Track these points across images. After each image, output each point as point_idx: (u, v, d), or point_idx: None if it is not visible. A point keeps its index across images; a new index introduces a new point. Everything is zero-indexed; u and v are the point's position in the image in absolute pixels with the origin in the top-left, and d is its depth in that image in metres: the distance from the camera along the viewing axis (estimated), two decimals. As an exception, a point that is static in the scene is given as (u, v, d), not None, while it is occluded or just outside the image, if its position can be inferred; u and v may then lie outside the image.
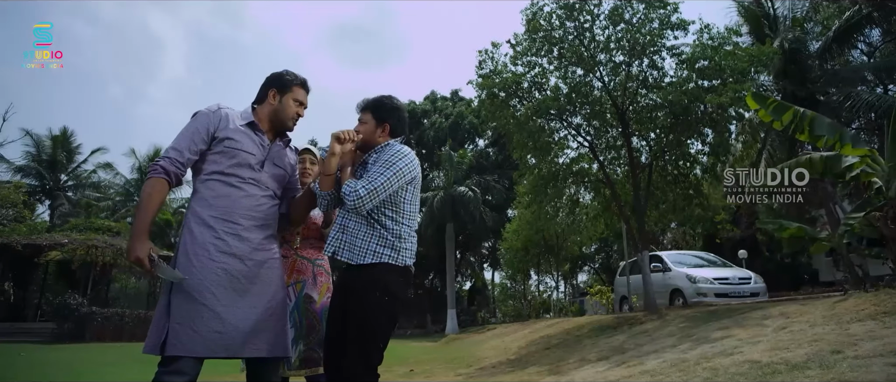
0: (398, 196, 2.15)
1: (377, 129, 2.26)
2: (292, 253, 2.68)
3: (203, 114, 2.27)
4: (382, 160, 2.13)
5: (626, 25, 9.98)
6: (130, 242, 1.99)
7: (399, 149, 2.18)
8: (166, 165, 2.13)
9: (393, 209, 2.16)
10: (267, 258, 2.25)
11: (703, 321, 6.74)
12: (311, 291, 2.65)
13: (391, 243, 2.12)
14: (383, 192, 2.06)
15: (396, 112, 2.32)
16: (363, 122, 2.30)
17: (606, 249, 31.30)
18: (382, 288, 2.09)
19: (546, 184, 11.64)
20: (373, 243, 2.11)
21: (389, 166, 2.10)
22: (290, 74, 2.42)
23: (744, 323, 5.73)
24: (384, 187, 2.06)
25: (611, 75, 10.51)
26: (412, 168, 2.17)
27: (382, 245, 2.12)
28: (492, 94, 11.04)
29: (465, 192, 23.54)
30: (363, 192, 2.03)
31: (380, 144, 2.25)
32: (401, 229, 2.16)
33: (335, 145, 2.18)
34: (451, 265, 23.81)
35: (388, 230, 2.13)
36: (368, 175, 2.09)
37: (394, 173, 2.09)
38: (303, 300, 2.63)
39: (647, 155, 11.03)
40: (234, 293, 2.10)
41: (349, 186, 2.08)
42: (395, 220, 2.15)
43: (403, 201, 2.19)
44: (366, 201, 2.03)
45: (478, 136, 31.46)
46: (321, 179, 2.24)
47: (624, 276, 14.27)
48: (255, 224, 2.22)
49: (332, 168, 2.18)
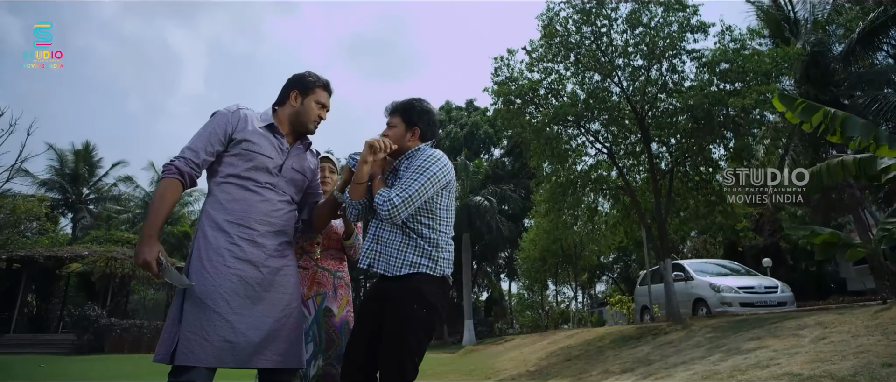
0: (433, 203, 2.07)
1: (407, 133, 2.18)
2: (313, 265, 2.57)
3: (221, 114, 2.19)
4: (415, 166, 2.04)
5: (644, 29, 9.82)
6: (139, 244, 1.90)
7: (431, 153, 2.09)
8: (181, 165, 2.04)
9: (429, 217, 2.07)
10: (282, 265, 2.15)
11: (731, 331, 6.48)
12: (331, 304, 2.54)
13: (428, 252, 2.04)
14: (418, 199, 1.98)
15: (427, 115, 2.22)
16: (392, 126, 2.21)
17: (625, 258, 30.87)
18: (421, 300, 1.98)
19: (564, 192, 11.45)
20: (409, 253, 2.03)
21: (423, 172, 2.01)
22: (313, 75, 2.34)
23: (777, 333, 5.47)
24: (419, 194, 1.98)
25: (629, 80, 10.33)
26: (447, 173, 2.08)
27: (419, 255, 2.03)
28: (508, 101, 10.93)
29: (482, 202, 23.38)
30: (397, 200, 1.94)
31: (410, 149, 2.16)
32: (438, 238, 2.07)
33: (368, 153, 2.08)
34: (467, 275, 23.60)
35: (424, 239, 2.04)
36: (401, 182, 2.01)
37: (428, 179, 2.00)
38: (322, 314, 2.51)
39: (668, 161, 10.80)
40: (248, 301, 2.01)
41: (382, 195, 1.99)
42: (432, 227, 2.06)
43: (439, 207, 2.10)
44: (400, 209, 1.95)
45: (493, 145, 31.44)
46: (352, 187, 2.14)
47: (645, 285, 13.95)
48: (272, 230, 2.13)
49: (364, 177, 2.09)
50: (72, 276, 18.36)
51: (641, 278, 15.10)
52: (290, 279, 2.18)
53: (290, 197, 2.24)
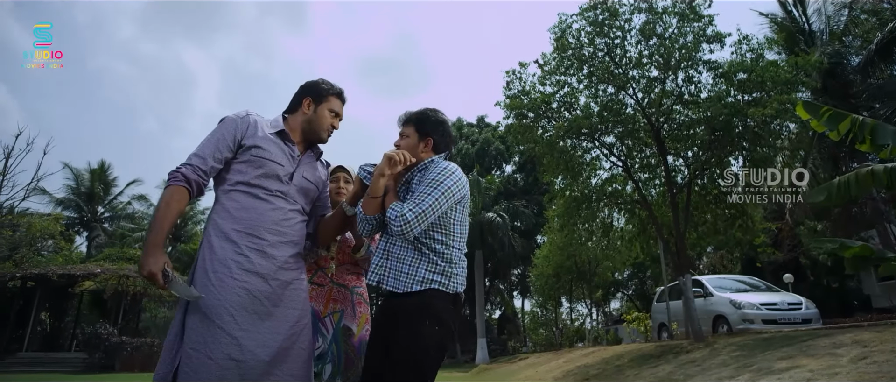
0: (447, 217, 1.98)
1: (420, 144, 2.10)
2: (328, 281, 2.42)
3: (230, 120, 2.08)
4: (428, 180, 1.95)
5: (658, 40, 9.69)
6: (143, 255, 1.78)
7: (445, 166, 2.00)
8: (188, 172, 1.93)
9: (442, 232, 1.97)
10: (293, 278, 2.02)
11: (758, 348, 6.21)
12: (350, 322, 2.38)
13: (442, 268, 1.94)
14: (432, 214, 1.89)
15: (441, 126, 2.15)
16: (405, 136, 2.13)
17: (640, 274, 30.36)
18: (433, 316, 1.88)
19: (578, 206, 11.25)
20: (421, 269, 1.93)
21: (437, 186, 1.92)
22: (327, 82, 2.25)
23: (811, 352, 5.21)
24: (433, 208, 1.89)
25: (644, 92, 10.18)
26: (461, 187, 1.99)
27: (432, 271, 1.93)
28: (520, 115, 10.82)
29: (494, 218, 23.19)
30: (411, 216, 1.85)
31: (423, 160, 2.08)
32: (451, 253, 1.97)
33: (386, 166, 1.97)
34: (480, 292, 23.31)
35: (438, 255, 1.95)
36: (415, 197, 1.92)
37: (442, 194, 1.92)
38: (340, 333, 2.35)
39: (685, 174, 10.57)
40: (255, 317, 1.87)
41: (394, 209, 1.90)
42: (445, 243, 1.97)
43: (453, 222, 2.00)
44: (413, 225, 1.85)
45: (505, 161, 31.41)
46: (366, 201, 2.04)
47: (662, 302, 13.62)
48: (282, 240, 2.01)
49: (380, 191, 2.00)
50: (84, 294, 18.38)
51: (658, 294, 14.76)
52: (300, 294, 2.05)
53: (301, 207, 2.13)
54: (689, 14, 9.49)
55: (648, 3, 9.75)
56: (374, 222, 2.08)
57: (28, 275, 16.86)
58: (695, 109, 9.82)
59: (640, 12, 9.87)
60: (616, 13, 9.86)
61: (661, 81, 9.96)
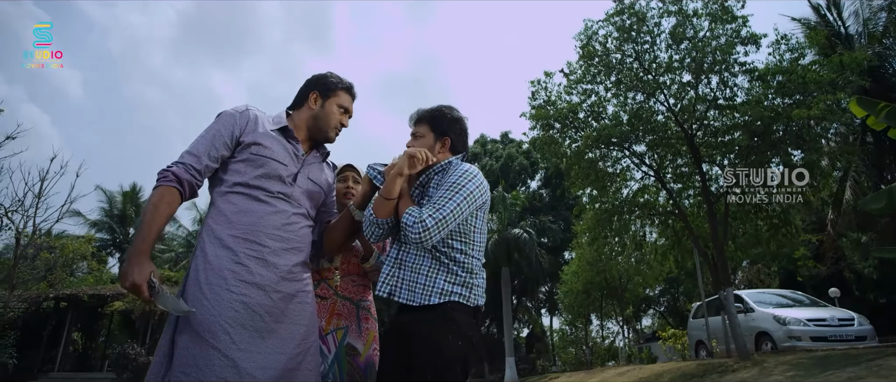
0: (467, 224, 1.80)
1: (436, 144, 1.91)
2: (331, 294, 2.14)
3: (227, 114, 1.86)
4: (448, 183, 1.77)
5: (690, 43, 9.31)
6: (126, 263, 1.54)
7: (466, 169, 1.81)
8: (179, 171, 1.70)
9: (461, 240, 1.79)
10: (297, 290, 1.77)
11: (817, 368, 5.70)
12: (355, 340, 2.10)
13: (462, 279, 1.76)
14: (453, 221, 1.71)
15: (457, 124, 1.96)
16: (419, 136, 1.92)
17: (672, 290, 29.37)
18: (456, 331, 1.69)
19: (609, 219, 10.82)
20: (440, 279, 1.74)
21: (458, 190, 1.74)
22: (335, 76, 2.02)
23: (883, 373, 4.70)
24: (454, 214, 1.71)
25: (676, 98, 9.76)
26: (483, 191, 1.82)
27: (452, 282, 1.75)
28: (546, 125, 10.51)
29: (520, 234, 22.72)
30: (430, 222, 1.67)
31: (439, 162, 1.88)
32: (471, 263, 1.79)
33: (405, 166, 1.79)
34: (507, 310, 22.77)
35: (457, 264, 1.77)
36: (434, 201, 1.73)
37: (464, 198, 1.74)
38: (344, 352, 2.07)
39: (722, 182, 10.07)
40: (255, 334, 1.62)
41: (412, 215, 1.70)
42: (465, 252, 1.79)
43: (473, 229, 1.82)
44: (433, 232, 1.68)
45: (529, 177, 31.08)
46: (378, 203, 1.82)
47: (698, 318, 12.96)
48: (285, 247, 1.76)
49: (395, 192, 1.80)
50: (115, 314, 18.58)
51: (694, 310, 14.10)
52: (306, 308, 1.79)
53: (305, 210, 1.88)
54: (721, 15, 9.09)
55: (678, 6, 9.39)
56: (385, 226, 1.84)
57: (61, 296, 17.13)
58: (730, 114, 9.36)
59: (670, 15, 9.52)
60: (644, 17, 9.54)
61: (694, 85, 9.54)
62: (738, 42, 9.11)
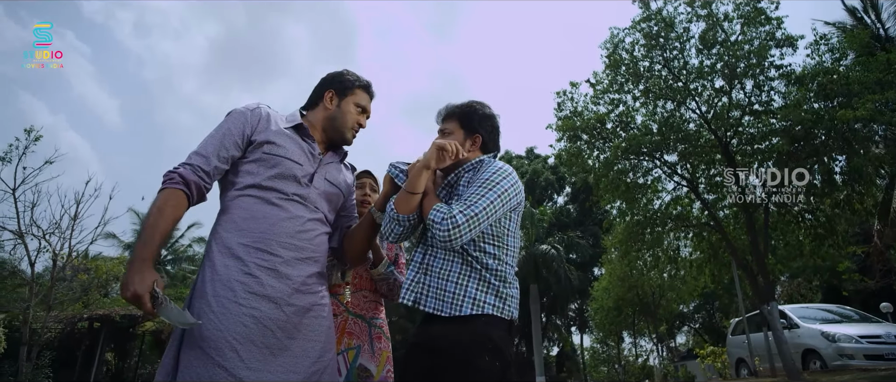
0: (501, 226, 1.65)
1: (466, 141, 1.77)
2: (342, 311, 1.99)
3: (238, 112, 1.72)
4: (480, 180, 1.62)
5: (721, 47, 8.99)
6: (127, 272, 1.41)
7: (500, 166, 1.67)
8: (186, 173, 1.56)
9: (494, 244, 1.63)
10: (313, 303, 1.60)
11: (879, 389, 5.25)
12: (368, 361, 1.95)
13: (495, 287, 1.58)
14: (485, 219, 1.55)
15: (489, 121, 1.81)
16: (447, 133, 1.80)
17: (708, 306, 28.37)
18: (491, 349, 1.51)
19: (641, 231, 10.44)
20: (471, 286, 1.57)
21: (491, 187, 1.59)
22: (353, 73, 1.88)
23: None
24: (487, 213, 1.55)
25: (708, 105, 9.42)
26: (517, 191, 1.67)
27: (485, 290, 1.57)
28: (573, 136, 10.27)
29: (548, 250, 22.34)
30: (461, 219, 1.52)
31: (469, 161, 1.73)
32: (505, 270, 1.62)
33: (433, 158, 1.66)
34: (537, 328, 22.29)
35: (490, 271, 1.59)
36: (466, 198, 1.58)
37: (498, 196, 1.59)
38: (356, 374, 1.92)
39: (762, 191, 9.61)
40: (266, 352, 1.46)
41: (440, 211, 1.56)
42: (498, 257, 1.62)
43: (506, 232, 1.66)
44: (464, 230, 1.52)
45: (556, 192, 30.79)
46: (401, 198, 1.65)
47: (738, 335, 12.36)
48: (299, 256, 1.60)
49: (421, 186, 1.66)
50: (146, 335, 18.83)
51: (734, 326, 13.48)
52: (322, 323, 1.63)
53: (323, 215, 1.72)
54: (754, 17, 8.76)
55: (708, 10, 9.10)
56: (406, 223, 1.67)
57: (94, 316, 17.42)
58: (766, 119, 8.96)
59: (699, 20, 9.24)
60: (672, 23, 9.28)
61: (727, 91, 9.20)
62: (772, 45, 8.76)
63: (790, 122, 8.01)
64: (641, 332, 25.63)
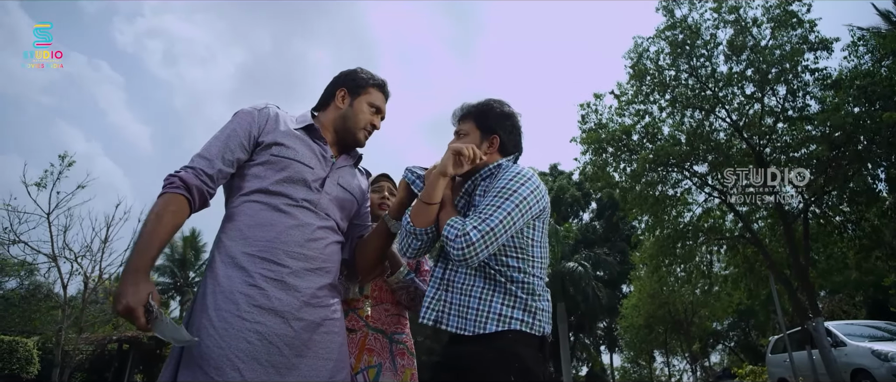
0: (524, 237, 1.48)
1: (483, 143, 1.59)
2: (361, 325, 1.82)
3: (244, 112, 1.60)
4: (497, 188, 1.45)
5: (751, 53, 8.70)
6: (120, 283, 1.27)
7: (519, 171, 1.49)
8: (188, 177, 1.43)
9: (518, 256, 1.47)
10: (323, 317, 1.45)
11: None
12: (389, 380, 1.78)
13: (523, 301, 1.42)
14: (503, 233, 1.39)
15: (508, 120, 1.63)
16: (462, 135, 1.62)
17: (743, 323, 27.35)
18: (521, 370, 1.36)
19: (672, 245, 10.06)
20: (496, 302, 1.42)
21: (509, 196, 1.42)
22: (366, 72, 1.74)
23: None
24: (504, 225, 1.39)
25: (738, 113, 9.09)
26: (539, 197, 1.49)
27: (511, 305, 1.42)
28: (599, 149, 10.03)
29: (575, 267, 21.88)
30: (475, 235, 1.35)
31: (487, 164, 1.57)
32: (533, 283, 1.45)
33: (450, 164, 1.49)
34: (565, 348, 21.74)
35: (515, 283, 1.44)
36: (480, 210, 1.42)
37: (516, 205, 1.41)
38: None
39: (799, 201, 9.19)
40: (272, 371, 1.32)
41: (454, 227, 1.40)
42: (523, 270, 1.46)
43: (531, 242, 1.49)
44: (479, 247, 1.36)
45: (581, 209, 30.35)
46: (417, 209, 1.52)
47: (778, 353, 11.75)
48: (309, 267, 1.46)
49: (437, 196, 1.51)
50: (173, 356, 18.99)
51: (773, 344, 12.85)
52: (334, 340, 1.47)
53: (335, 223, 1.57)
54: (786, 20, 8.46)
55: (735, 15, 8.84)
56: (423, 237, 1.52)
57: (123, 338, 17.63)
58: (801, 126, 8.59)
59: (726, 26, 8.98)
60: (698, 30, 9.04)
61: (759, 98, 8.87)
62: (806, 48, 8.44)
63: (828, 127, 7.64)
64: (673, 351, 24.80)
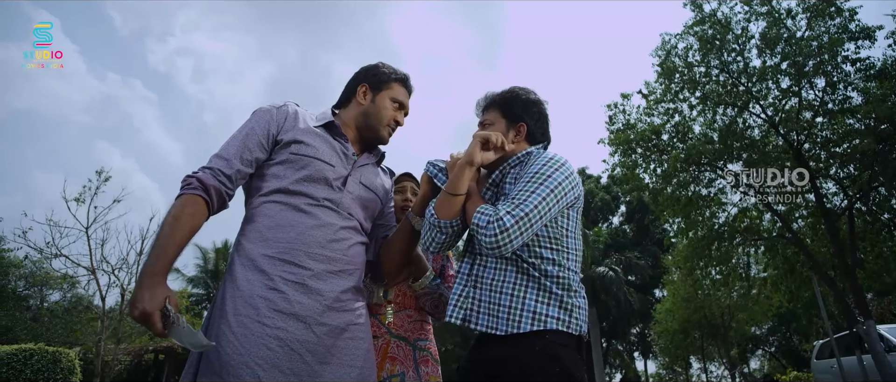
0: (558, 226, 1.40)
1: (510, 132, 1.53)
2: (383, 332, 1.77)
3: (263, 110, 1.55)
4: (530, 173, 1.38)
5: (786, 45, 8.35)
6: (136, 288, 1.22)
7: (550, 157, 1.42)
8: (206, 177, 1.38)
9: (552, 247, 1.38)
10: (348, 322, 1.38)
11: None
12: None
13: (558, 297, 1.33)
14: (537, 220, 1.31)
15: (535, 107, 1.57)
16: (488, 124, 1.56)
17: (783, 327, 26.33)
18: (560, 373, 1.27)
19: (707, 247, 9.71)
20: (530, 298, 1.33)
21: (542, 182, 1.35)
22: (388, 66, 1.68)
23: None
24: (538, 212, 1.31)
25: (774, 108, 8.74)
26: (574, 184, 1.41)
27: (546, 302, 1.33)
28: (628, 150, 9.78)
29: (606, 272, 21.45)
30: (509, 220, 1.28)
31: (515, 154, 1.50)
32: (568, 277, 1.37)
33: (476, 151, 1.42)
34: (597, 355, 21.29)
35: (550, 278, 1.35)
36: (513, 197, 1.34)
37: (550, 191, 1.34)
38: None
39: (842, 198, 8.76)
40: (294, 380, 1.25)
41: (485, 213, 1.33)
42: (558, 263, 1.37)
43: (565, 233, 1.41)
44: (513, 233, 1.28)
45: (611, 213, 29.87)
46: (441, 200, 1.45)
47: (824, 359, 11.19)
48: (332, 269, 1.39)
49: (463, 187, 1.42)
50: (207, 366, 19.33)
51: (818, 349, 12.27)
52: (360, 345, 1.40)
53: (358, 223, 1.50)
54: (823, 9, 8.10)
55: (768, 7, 8.51)
56: (448, 230, 1.43)
57: (158, 348, 18.03)
58: (841, 119, 8.20)
59: (758, 18, 8.65)
60: (729, 24, 8.74)
61: (796, 91, 8.51)
62: (846, 38, 8.05)
63: (873, 119, 7.26)
64: (711, 357, 24.02)
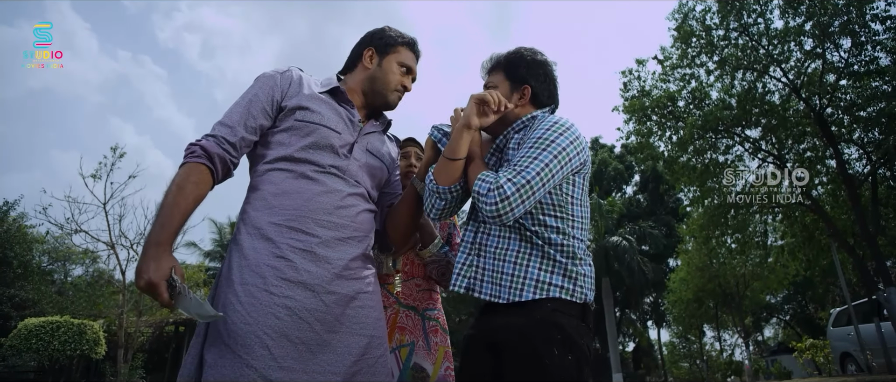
0: (563, 193, 1.34)
1: (513, 95, 1.46)
2: (392, 302, 1.74)
3: (267, 76, 1.50)
4: (533, 138, 1.32)
5: (810, 4, 8.03)
6: (141, 258, 1.18)
7: (555, 121, 1.35)
8: (210, 145, 1.34)
9: (556, 214, 1.33)
10: (357, 290, 1.34)
11: None
12: (423, 360, 1.70)
13: (562, 265, 1.29)
14: (540, 185, 1.26)
15: (541, 68, 1.48)
16: (491, 86, 1.49)
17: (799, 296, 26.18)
18: (564, 341, 1.23)
19: (723, 215, 9.57)
20: (533, 266, 1.30)
21: (545, 147, 1.29)
22: (394, 30, 1.62)
23: None
24: (541, 179, 1.26)
25: (796, 72, 8.46)
26: (580, 148, 1.34)
27: (549, 270, 1.29)
28: (642, 117, 9.58)
29: (619, 242, 21.37)
30: (510, 188, 1.24)
31: (519, 117, 1.45)
32: (573, 245, 1.32)
33: (474, 114, 1.37)
34: (611, 324, 21.41)
35: (554, 246, 1.31)
36: (515, 163, 1.29)
37: (554, 156, 1.28)
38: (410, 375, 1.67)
39: (865, 164, 8.53)
40: (303, 349, 1.23)
41: (486, 180, 1.28)
42: (562, 231, 1.32)
43: (571, 200, 1.35)
44: (514, 201, 1.24)
45: (625, 182, 29.65)
46: (441, 166, 1.41)
47: (841, 326, 11.09)
48: (340, 236, 1.35)
49: (462, 151, 1.38)
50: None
51: (834, 317, 12.16)
52: (370, 314, 1.37)
53: (365, 191, 1.46)
54: (851, -36, 7.75)
55: (791, -37, 8.19)
56: (447, 196, 1.39)
57: (179, 321, 18.48)
58: (867, 81, 7.92)
59: (780, -23, 8.33)
60: (749, -17, 8.42)
61: (820, 54, 8.21)
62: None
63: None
64: (725, 325, 24.02)
